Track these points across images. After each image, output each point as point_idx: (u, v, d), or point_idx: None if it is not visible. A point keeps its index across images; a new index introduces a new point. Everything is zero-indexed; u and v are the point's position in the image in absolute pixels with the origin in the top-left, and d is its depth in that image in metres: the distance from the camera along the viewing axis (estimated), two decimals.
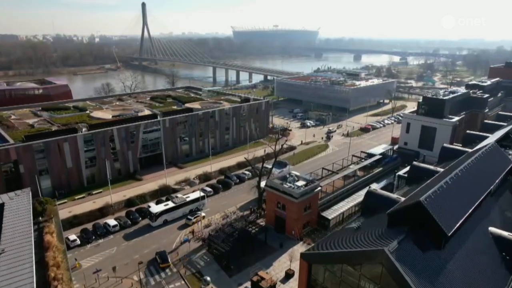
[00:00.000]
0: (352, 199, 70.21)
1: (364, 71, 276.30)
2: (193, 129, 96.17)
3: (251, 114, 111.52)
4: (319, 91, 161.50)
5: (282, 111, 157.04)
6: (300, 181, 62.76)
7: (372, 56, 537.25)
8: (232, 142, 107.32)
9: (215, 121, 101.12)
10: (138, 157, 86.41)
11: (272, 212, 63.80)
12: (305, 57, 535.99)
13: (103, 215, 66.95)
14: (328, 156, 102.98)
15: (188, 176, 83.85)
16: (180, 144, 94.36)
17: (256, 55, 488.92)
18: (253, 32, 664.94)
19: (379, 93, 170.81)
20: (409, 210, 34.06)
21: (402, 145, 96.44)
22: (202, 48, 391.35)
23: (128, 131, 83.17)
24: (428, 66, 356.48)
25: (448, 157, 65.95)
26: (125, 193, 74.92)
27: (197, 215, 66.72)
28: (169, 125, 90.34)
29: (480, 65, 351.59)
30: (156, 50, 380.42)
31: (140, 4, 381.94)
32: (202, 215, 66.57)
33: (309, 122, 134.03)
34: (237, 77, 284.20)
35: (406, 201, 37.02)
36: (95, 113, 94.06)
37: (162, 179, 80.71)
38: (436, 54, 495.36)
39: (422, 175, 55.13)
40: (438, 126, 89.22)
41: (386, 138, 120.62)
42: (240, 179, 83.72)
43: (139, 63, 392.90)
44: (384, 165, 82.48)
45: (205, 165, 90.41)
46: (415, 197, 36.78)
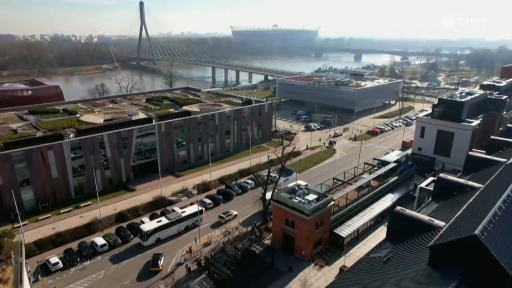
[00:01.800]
0: (367, 212, 63.61)
1: (367, 71, 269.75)
2: (191, 134, 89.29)
3: (254, 117, 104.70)
4: (323, 92, 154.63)
5: (285, 113, 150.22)
6: (311, 195, 55.90)
7: (372, 56, 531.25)
8: (233, 147, 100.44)
9: (215, 124, 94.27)
10: (131, 165, 79.53)
11: (279, 230, 56.98)
12: (305, 57, 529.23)
13: (90, 232, 59.98)
14: (335, 162, 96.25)
15: (185, 186, 76.94)
16: (177, 150, 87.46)
17: (256, 55, 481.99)
18: (252, 31, 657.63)
19: (385, 94, 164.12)
20: (459, 245, 27.29)
21: (416, 151, 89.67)
22: (201, 48, 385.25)
23: (120, 136, 76.26)
24: (432, 66, 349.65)
25: (475, 167, 59.47)
26: (116, 206, 68.00)
27: (229, 213, 66.36)
28: (165, 129, 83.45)
29: (485, 64, 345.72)
30: (154, 50, 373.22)
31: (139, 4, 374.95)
32: (234, 214, 66.71)
33: (313, 125, 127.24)
34: (236, 77, 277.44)
35: (450, 231, 30.21)
36: (86, 116, 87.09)
37: (157, 189, 73.82)
38: (437, 54, 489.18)
39: (451, 190, 48.62)
40: (456, 131, 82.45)
41: (396, 142, 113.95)
42: (242, 189, 76.92)
43: (137, 63, 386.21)
44: (399, 174, 75.74)
45: (204, 173, 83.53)
46: (460, 226, 30.08)
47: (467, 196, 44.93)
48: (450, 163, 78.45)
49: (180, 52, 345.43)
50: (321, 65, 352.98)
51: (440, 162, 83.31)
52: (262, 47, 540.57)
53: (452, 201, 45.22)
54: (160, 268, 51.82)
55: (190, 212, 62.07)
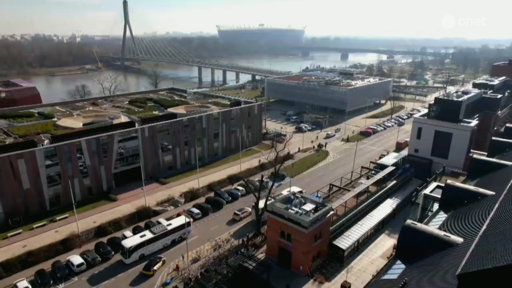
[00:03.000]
0: (367, 221, 59.57)
1: (355, 70, 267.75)
2: (177, 138, 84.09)
3: (243, 118, 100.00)
4: (313, 91, 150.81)
5: (275, 113, 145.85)
6: (308, 204, 51.53)
7: (358, 55, 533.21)
8: (222, 150, 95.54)
9: (202, 127, 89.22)
10: (113, 172, 73.96)
11: (274, 243, 52.44)
12: (292, 56, 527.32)
13: (66, 249, 54.37)
14: (329, 165, 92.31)
15: (171, 194, 71.81)
16: (162, 155, 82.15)
17: (242, 54, 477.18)
18: (238, 31, 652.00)
19: (376, 93, 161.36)
20: (494, 275, 23.17)
21: (413, 152, 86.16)
22: (187, 47, 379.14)
23: (100, 142, 70.59)
24: (419, 65, 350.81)
25: (481, 171, 55.99)
26: (95, 218, 62.44)
27: (244, 210, 65.43)
28: (149, 133, 78.09)
29: (470, 63, 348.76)
30: (139, 49, 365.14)
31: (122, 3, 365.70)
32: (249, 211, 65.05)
33: (304, 126, 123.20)
34: (223, 77, 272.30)
35: (480, 254, 26.03)
36: (63, 120, 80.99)
37: (141, 198, 68.43)
38: (423, 53, 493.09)
39: (460, 198, 44.77)
40: (454, 131, 79.17)
41: (390, 143, 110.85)
42: (232, 197, 72.10)
43: (121, 63, 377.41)
44: (397, 178, 72.10)
45: (192, 180, 78.48)
46: (493, 248, 26.03)
47: (480, 205, 41.27)
48: (448, 165, 75.34)
49: (166, 52, 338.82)
50: (308, 64, 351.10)
51: (438, 164, 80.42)
52: (248, 47, 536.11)
53: (464, 211, 41.37)
54: (151, 273, 49.62)
55: (176, 224, 57.03)
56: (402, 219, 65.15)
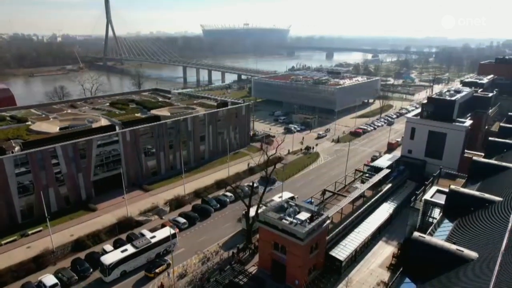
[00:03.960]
0: (363, 228, 56.50)
1: (341, 68, 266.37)
2: (161, 141, 79.58)
3: (230, 120, 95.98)
4: (301, 91, 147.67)
5: (262, 114, 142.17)
6: (303, 213, 48.02)
7: (343, 54, 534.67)
8: (209, 154, 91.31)
9: (188, 130, 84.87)
10: (92, 179, 69.03)
11: (267, 255, 48.77)
12: (277, 56, 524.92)
13: (39, 267, 49.44)
14: (320, 168, 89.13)
15: (155, 202, 67.33)
16: (145, 160, 77.51)
17: (228, 54, 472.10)
18: (223, 30, 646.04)
19: (364, 92, 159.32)
20: None
21: (406, 153, 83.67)
22: (171, 47, 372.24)
23: (77, 148, 65.62)
24: (404, 63, 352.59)
25: (482, 174, 53.51)
26: (73, 231, 57.60)
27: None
28: (130, 138, 73.38)
29: (453, 61, 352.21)
30: (122, 49, 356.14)
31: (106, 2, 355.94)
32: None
33: (293, 127, 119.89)
34: (209, 77, 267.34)
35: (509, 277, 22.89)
36: (38, 125, 75.37)
37: (123, 208, 63.83)
38: (407, 52, 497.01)
39: (466, 205, 41.97)
40: (448, 132, 76.92)
41: (381, 144, 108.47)
42: (220, 204, 68.04)
43: (103, 63, 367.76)
44: (392, 181, 69.40)
45: (177, 186, 74.12)
46: None
47: (490, 213, 38.53)
48: (443, 166, 73.04)
49: (149, 52, 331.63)
50: (294, 63, 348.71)
51: (432, 165, 78.13)
52: (234, 46, 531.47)
53: (472, 220, 38.54)
54: (152, 275, 48.44)
55: (161, 236, 52.70)
56: (399, 225, 62.61)
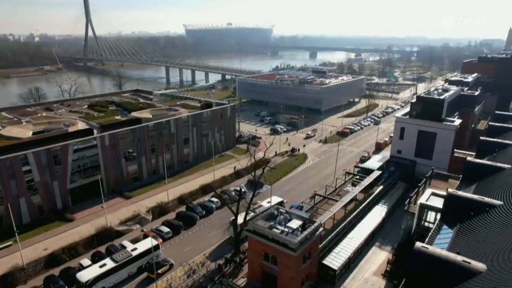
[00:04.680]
0: (357, 233, 54.22)
1: (326, 68, 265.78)
2: (142, 145, 75.75)
3: (215, 121, 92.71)
4: (287, 91, 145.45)
5: (247, 114, 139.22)
6: (294, 220, 45.32)
7: (327, 53, 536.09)
8: (193, 157, 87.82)
9: (171, 132, 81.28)
10: (69, 187, 64.80)
11: (257, 266, 45.87)
12: (261, 55, 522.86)
13: (7, 287, 45.43)
14: (308, 170, 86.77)
15: (137, 210, 63.57)
16: (126, 165, 73.56)
17: (211, 54, 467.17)
18: (206, 30, 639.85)
19: (350, 92, 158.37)
20: None
21: (395, 154, 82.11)
22: (154, 47, 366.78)
23: (51, 154, 61.35)
24: (387, 62, 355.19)
25: (476, 176, 51.80)
26: (47, 245, 53.46)
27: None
28: (109, 142, 69.36)
29: (435, 60, 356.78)
30: (102, 49, 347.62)
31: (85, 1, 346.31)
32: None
33: (280, 127, 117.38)
34: (192, 77, 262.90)
35: None
36: (8, 129, 70.37)
37: (102, 217, 59.90)
38: (389, 51, 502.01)
39: (465, 209, 39.92)
40: (438, 131, 75.67)
41: (368, 143, 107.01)
42: (206, 210, 64.77)
43: (84, 64, 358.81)
44: (384, 182, 67.51)
45: (160, 192, 70.50)
46: None
47: (491, 219, 36.58)
48: (433, 166, 71.64)
49: (131, 52, 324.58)
50: (278, 63, 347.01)
51: (421, 166, 76.77)
52: (217, 46, 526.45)
53: (473, 226, 36.53)
54: (154, 276, 46.68)
55: (143, 248, 49.17)
56: (392, 228, 60.66)
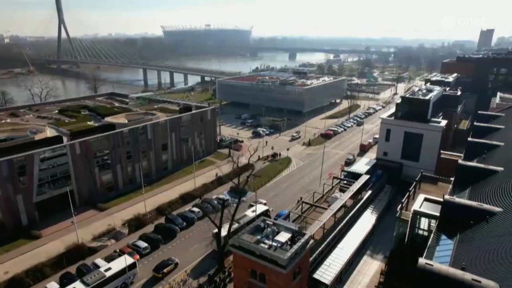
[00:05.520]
0: (347, 243, 51.39)
1: (306, 68, 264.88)
2: (117, 152, 70.93)
3: (195, 125, 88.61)
4: (268, 92, 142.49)
5: (228, 117, 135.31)
6: (283, 233, 41.91)
7: (306, 54, 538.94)
8: (172, 164, 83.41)
9: (148, 138, 76.77)
10: (35, 201, 59.48)
11: (243, 284, 42.24)
12: (240, 56, 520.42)
13: None
14: (293, 174, 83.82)
15: (112, 223, 58.94)
16: (99, 175, 68.60)
17: (190, 55, 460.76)
18: (184, 31, 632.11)
19: (332, 92, 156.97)
20: None
21: (381, 156, 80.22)
22: (131, 49, 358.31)
23: (15, 165, 56.03)
24: (365, 63, 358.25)
25: (469, 179, 49.85)
26: (8, 267, 48.16)
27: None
28: (81, 150, 64.35)
29: (412, 61, 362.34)
30: (77, 51, 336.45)
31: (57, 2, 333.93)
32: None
33: (262, 130, 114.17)
34: (171, 79, 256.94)
35: None
36: None
37: (73, 232, 55.00)
38: (367, 52, 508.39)
39: (465, 217, 37.67)
40: (424, 132, 74.20)
41: (353, 145, 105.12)
42: (187, 221, 60.65)
43: (57, 66, 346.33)
44: (372, 187, 65.22)
45: (137, 202, 65.93)
46: None
47: (493, 228, 34.29)
48: (420, 168, 70.02)
49: (108, 54, 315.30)
50: (258, 64, 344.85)
51: (408, 168, 75.14)
52: (196, 47, 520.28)
53: (474, 236, 34.15)
54: (159, 275, 47.28)
55: (118, 268, 44.68)
56: (382, 235, 58.22)
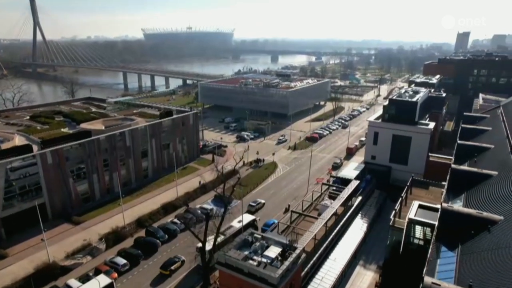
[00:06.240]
0: (339, 253, 48.91)
1: (289, 71, 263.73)
2: (93, 161, 66.65)
3: (176, 131, 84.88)
4: (252, 95, 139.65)
5: (211, 121, 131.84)
6: (272, 247, 39.00)
7: (288, 57, 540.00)
8: (153, 171, 79.42)
9: (126, 145, 72.69)
10: (1, 216, 54.76)
11: None
12: (222, 59, 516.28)
13: None
14: (280, 180, 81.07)
15: (88, 238, 54.68)
16: (74, 185, 64.16)
17: (171, 58, 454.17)
18: (165, 34, 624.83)
19: (316, 95, 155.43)
20: None
21: (369, 159, 78.36)
22: (111, 52, 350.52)
23: None
24: (348, 65, 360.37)
25: (463, 184, 48.06)
26: None
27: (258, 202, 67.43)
28: (53, 159, 59.89)
29: (393, 63, 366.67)
30: (54, 55, 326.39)
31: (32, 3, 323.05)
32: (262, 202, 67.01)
33: (246, 134, 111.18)
34: (152, 83, 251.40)
35: None
36: None
37: (43, 250, 50.60)
38: (348, 54, 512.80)
39: (465, 227, 35.64)
40: (413, 135, 72.77)
41: (339, 149, 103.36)
42: (169, 234, 57.02)
43: (33, 70, 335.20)
44: (362, 193, 63.11)
45: (115, 214, 61.79)
46: None
47: (497, 239, 32.22)
48: (409, 172, 68.47)
49: (86, 57, 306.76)
50: (240, 66, 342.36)
51: (397, 171, 73.62)
52: (177, 50, 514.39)
53: (476, 248, 32.01)
54: (167, 272, 47.90)
55: None
56: (374, 243, 55.97)
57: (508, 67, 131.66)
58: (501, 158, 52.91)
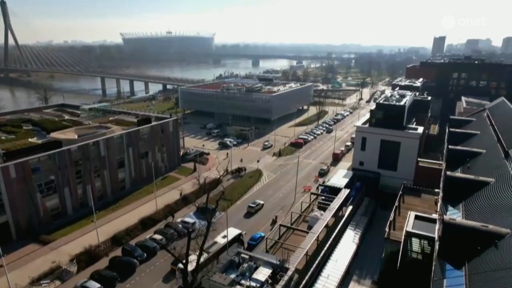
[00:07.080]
0: (331, 270, 45.52)
1: (271, 75, 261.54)
2: (64, 173, 61.45)
3: (155, 138, 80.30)
4: (234, 100, 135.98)
5: (192, 127, 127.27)
6: (262, 268, 35.50)
7: (269, 61, 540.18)
8: (131, 183, 74.49)
9: (101, 156, 67.74)
10: None
11: None
12: (203, 64, 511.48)
13: None
14: (265, 189, 77.40)
15: (57, 260, 49.48)
16: (42, 201, 58.82)
17: (151, 63, 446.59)
18: (145, 39, 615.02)
19: (299, 99, 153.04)
20: None
21: (357, 166, 75.86)
22: (89, 56, 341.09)
23: None
24: (329, 69, 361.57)
25: (460, 193, 45.73)
26: None
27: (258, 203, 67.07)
28: (17, 173, 54.54)
29: (373, 66, 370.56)
30: (28, 59, 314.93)
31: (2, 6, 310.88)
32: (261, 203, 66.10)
33: (229, 141, 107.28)
34: (131, 88, 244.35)
35: None
36: None
37: (3, 276, 45.20)
38: (329, 58, 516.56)
39: (468, 240, 32.92)
40: (402, 140, 70.60)
41: (324, 154, 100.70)
42: (148, 252, 52.44)
43: (5, 75, 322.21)
44: (352, 202, 60.21)
45: (89, 231, 56.76)
46: None
47: (505, 254, 29.53)
48: (398, 177, 66.38)
49: (63, 62, 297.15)
50: (221, 71, 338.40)
51: (386, 177, 71.33)
52: (157, 55, 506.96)
53: (485, 266, 29.25)
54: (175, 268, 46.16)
55: None
56: (367, 255, 53.11)
57: (487, 70, 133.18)
58: (495, 163, 51.05)
